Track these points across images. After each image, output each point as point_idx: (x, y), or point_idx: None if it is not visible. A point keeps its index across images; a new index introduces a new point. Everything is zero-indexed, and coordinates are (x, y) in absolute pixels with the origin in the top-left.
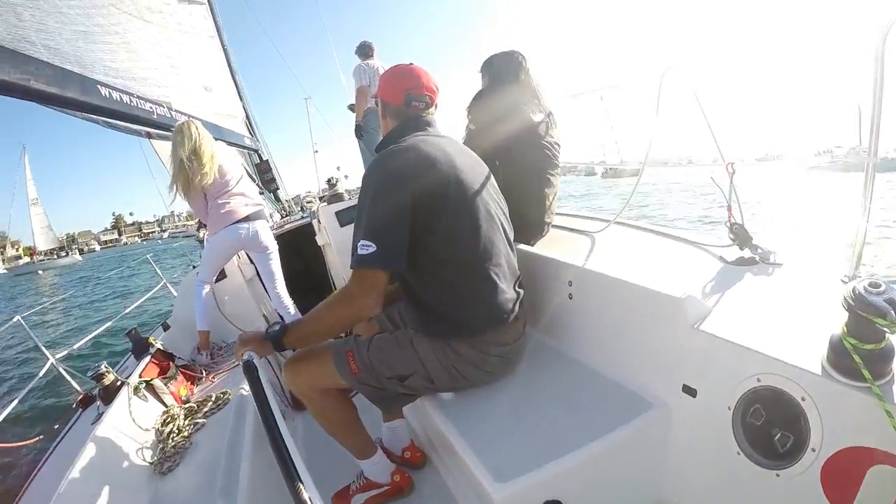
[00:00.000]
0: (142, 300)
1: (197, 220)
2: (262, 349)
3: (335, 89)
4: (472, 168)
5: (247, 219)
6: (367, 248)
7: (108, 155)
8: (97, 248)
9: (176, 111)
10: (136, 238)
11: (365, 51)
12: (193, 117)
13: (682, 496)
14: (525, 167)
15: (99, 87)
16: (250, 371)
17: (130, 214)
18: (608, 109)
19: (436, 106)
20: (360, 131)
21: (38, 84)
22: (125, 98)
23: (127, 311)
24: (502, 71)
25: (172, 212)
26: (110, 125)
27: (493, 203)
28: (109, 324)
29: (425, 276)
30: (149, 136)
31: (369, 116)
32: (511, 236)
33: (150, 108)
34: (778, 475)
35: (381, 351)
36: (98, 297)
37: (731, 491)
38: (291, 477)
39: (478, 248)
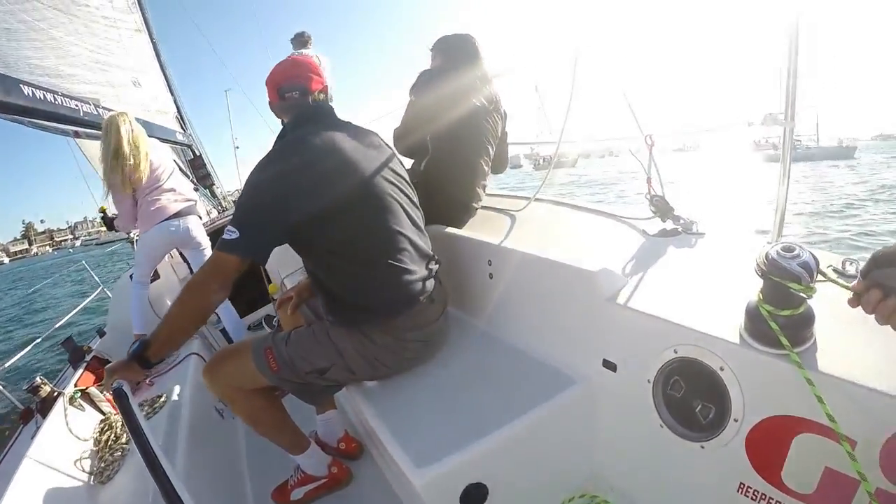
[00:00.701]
0: (79, 308)
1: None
2: (132, 374)
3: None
4: (368, 154)
5: (178, 215)
6: (231, 234)
7: (14, 157)
8: (5, 260)
9: (104, 108)
10: (48, 247)
11: (301, 40)
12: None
13: (610, 472)
14: (460, 153)
15: (22, 86)
16: (121, 400)
17: (42, 222)
18: (542, 98)
19: (323, 91)
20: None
21: None
22: (49, 97)
23: (63, 320)
24: (458, 52)
25: (86, 217)
26: (35, 125)
27: (395, 186)
28: (46, 334)
29: (327, 266)
30: (76, 135)
31: None
32: (418, 217)
33: (77, 105)
34: (703, 447)
35: (298, 345)
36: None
37: (659, 464)
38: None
39: (378, 233)
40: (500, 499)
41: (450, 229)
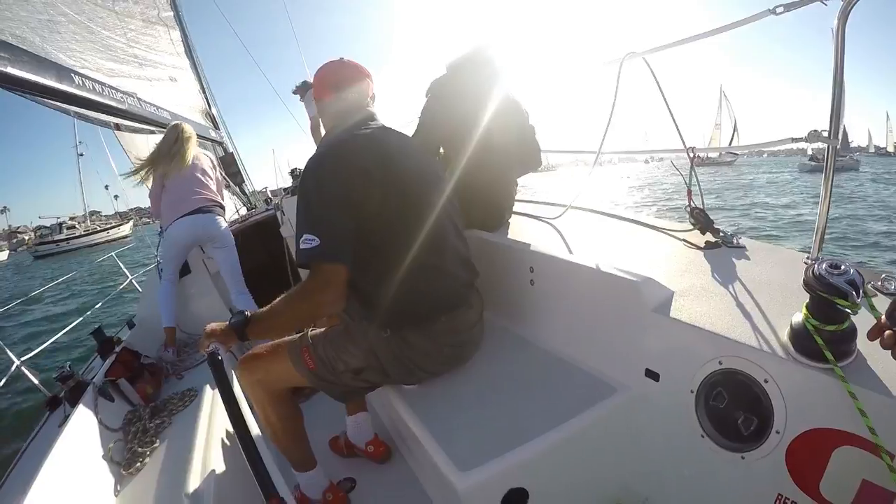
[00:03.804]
0: (107, 299)
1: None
2: (227, 339)
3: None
4: (412, 157)
5: (198, 211)
6: (310, 241)
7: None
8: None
9: (145, 102)
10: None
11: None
12: (161, 108)
13: (648, 481)
14: (502, 157)
15: (73, 74)
16: (215, 363)
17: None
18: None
19: (372, 97)
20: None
21: (14, 69)
22: (97, 87)
23: (91, 311)
24: (470, 62)
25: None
26: (81, 116)
27: (436, 190)
28: (75, 322)
29: (366, 267)
30: (117, 127)
31: None
32: (458, 222)
33: (122, 97)
34: (743, 458)
35: (334, 345)
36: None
37: (698, 474)
38: (259, 472)
39: (418, 236)
40: None
41: (490, 235)
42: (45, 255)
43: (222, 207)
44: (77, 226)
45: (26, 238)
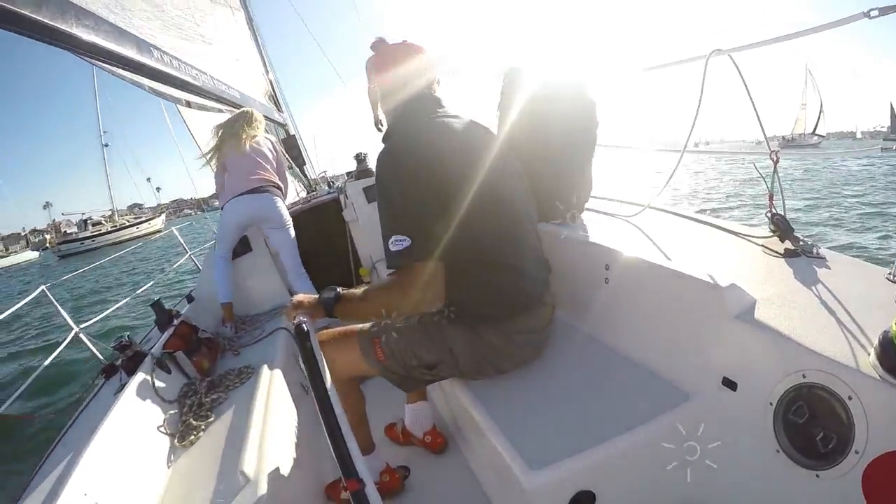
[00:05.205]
0: (167, 272)
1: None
2: (315, 312)
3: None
4: (488, 148)
5: (254, 191)
6: (402, 242)
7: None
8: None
9: (217, 80)
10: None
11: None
12: (231, 87)
13: (715, 493)
14: (575, 149)
15: (152, 48)
16: (301, 335)
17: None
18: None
19: (437, 81)
20: (378, 125)
21: (97, 38)
22: (174, 62)
23: (149, 284)
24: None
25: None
26: (155, 91)
27: (513, 185)
28: (137, 292)
29: (445, 265)
30: (188, 104)
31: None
32: (535, 218)
33: (197, 74)
34: (818, 476)
35: (407, 338)
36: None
37: (769, 490)
38: (341, 452)
39: (497, 233)
40: None
41: (564, 230)
42: (68, 254)
43: (280, 189)
44: (104, 222)
45: (48, 238)
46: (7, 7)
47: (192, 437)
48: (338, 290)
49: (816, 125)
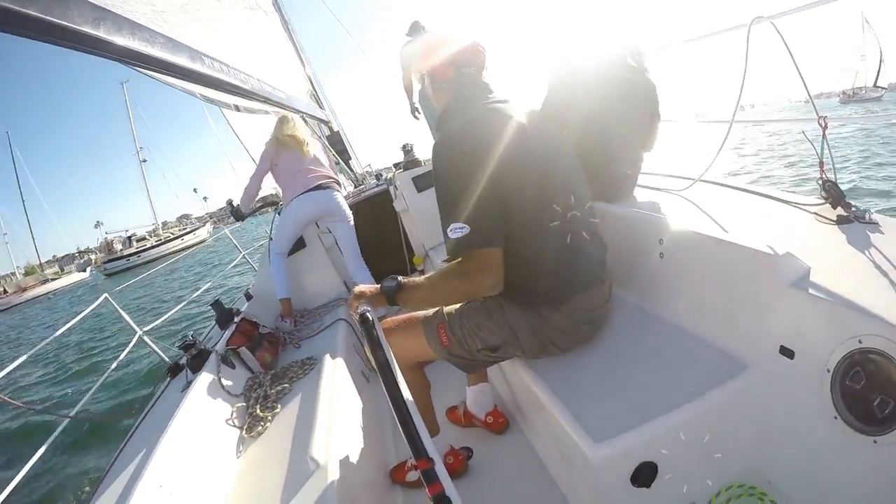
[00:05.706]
0: (223, 272)
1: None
2: (378, 302)
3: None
4: (541, 130)
5: (318, 188)
6: (460, 230)
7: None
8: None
9: (263, 82)
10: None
11: (417, 30)
12: (276, 88)
13: (773, 460)
14: (631, 124)
15: (203, 56)
16: (367, 324)
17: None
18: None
19: (486, 66)
20: (415, 113)
21: (154, 51)
22: (224, 68)
23: (207, 285)
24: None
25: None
26: (206, 98)
27: (568, 165)
28: (194, 295)
29: (504, 250)
30: (237, 108)
31: (421, 97)
32: (589, 197)
33: (245, 78)
34: (875, 441)
35: (471, 322)
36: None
37: (827, 456)
38: (411, 434)
39: (554, 215)
40: (667, 481)
41: (617, 207)
42: (114, 272)
43: (339, 184)
44: (147, 237)
45: (93, 258)
46: (72, 27)
47: (260, 427)
48: (399, 278)
49: (878, 76)
